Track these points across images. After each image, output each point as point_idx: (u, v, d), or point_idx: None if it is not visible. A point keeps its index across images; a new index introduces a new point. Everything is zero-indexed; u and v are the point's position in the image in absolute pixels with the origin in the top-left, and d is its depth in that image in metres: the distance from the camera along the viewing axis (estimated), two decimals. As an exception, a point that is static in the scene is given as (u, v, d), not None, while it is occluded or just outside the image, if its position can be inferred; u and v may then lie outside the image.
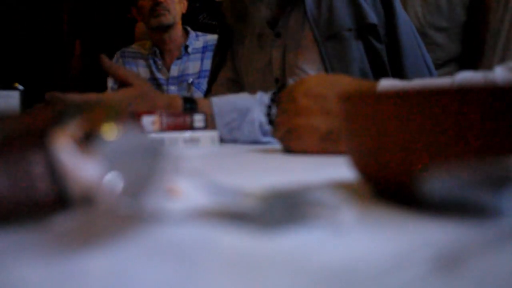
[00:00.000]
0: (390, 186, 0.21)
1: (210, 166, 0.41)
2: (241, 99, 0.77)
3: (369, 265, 0.13)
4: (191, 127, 0.65)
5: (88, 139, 0.18)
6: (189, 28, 1.67)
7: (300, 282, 0.12)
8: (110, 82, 1.55)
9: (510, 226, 0.17)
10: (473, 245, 0.15)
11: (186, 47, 1.63)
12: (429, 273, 0.12)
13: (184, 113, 0.67)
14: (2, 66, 2.52)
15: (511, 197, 0.17)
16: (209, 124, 0.73)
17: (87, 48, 2.89)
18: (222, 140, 0.76)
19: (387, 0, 0.82)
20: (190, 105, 0.76)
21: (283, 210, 0.17)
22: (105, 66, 0.71)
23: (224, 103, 0.76)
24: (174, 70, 1.63)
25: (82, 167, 0.17)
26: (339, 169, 0.33)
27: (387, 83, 0.50)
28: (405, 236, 0.16)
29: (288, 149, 0.53)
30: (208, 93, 1.06)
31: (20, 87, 0.76)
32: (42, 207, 0.17)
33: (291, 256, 0.14)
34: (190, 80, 1.61)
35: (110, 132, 0.18)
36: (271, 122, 0.58)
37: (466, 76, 0.46)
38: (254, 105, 0.75)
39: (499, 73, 0.44)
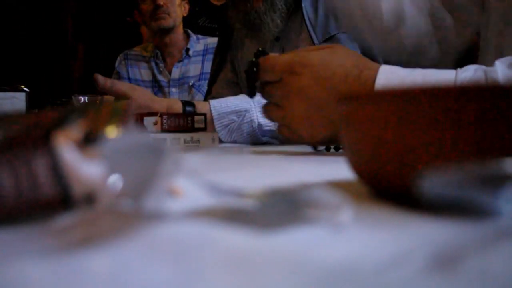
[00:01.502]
0: (388, 186, 0.21)
1: (210, 166, 0.42)
2: (240, 100, 0.78)
3: (368, 263, 0.13)
4: (191, 128, 0.65)
5: (91, 140, 0.18)
6: (190, 31, 1.67)
7: (299, 281, 0.12)
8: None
9: (507, 226, 0.17)
10: (471, 245, 0.15)
11: (187, 50, 1.63)
12: (427, 272, 0.12)
13: (185, 114, 0.68)
14: (8, 69, 2.53)
15: (509, 197, 0.17)
16: (209, 126, 0.74)
17: (90, 51, 2.90)
18: (222, 141, 0.77)
19: None
20: (189, 109, 0.77)
21: (283, 209, 0.17)
22: (99, 86, 0.72)
23: (223, 106, 0.77)
24: (175, 73, 1.63)
25: (85, 167, 0.17)
26: (339, 169, 0.33)
27: (387, 70, 0.46)
28: (404, 235, 0.16)
29: (291, 140, 0.51)
30: (208, 95, 1.07)
31: (26, 89, 0.76)
32: (45, 207, 0.17)
33: (291, 255, 0.14)
34: (191, 82, 1.62)
35: (113, 133, 0.18)
36: (252, 87, 0.53)
37: (468, 68, 0.44)
38: (252, 106, 0.76)
39: (500, 69, 0.43)
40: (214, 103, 0.78)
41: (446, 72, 0.46)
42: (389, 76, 0.46)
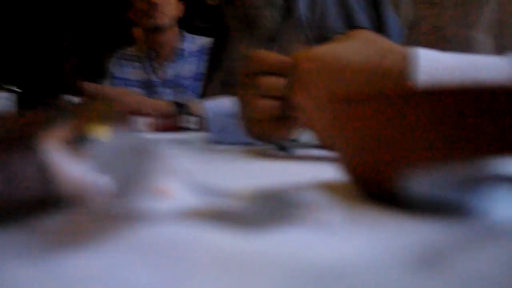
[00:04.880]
0: (379, 188, 0.21)
1: (201, 167, 0.42)
2: (234, 102, 0.78)
3: (355, 263, 0.13)
4: (183, 128, 0.65)
5: (79, 140, 0.18)
6: (184, 31, 1.67)
7: (288, 282, 0.12)
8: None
9: (490, 225, 0.17)
10: (460, 245, 0.15)
11: (181, 50, 1.63)
12: (416, 272, 0.12)
13: (178, 114, 0.68)
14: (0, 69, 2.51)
15: (491, 197, 0.18)
16: (203, 127, 0.74)
17: (83, 52, 2.88)
18: (215, 141, 0.77)
19: (378, 4, 0.84)
20: (183, 110, 0.77)
21: (271, 210, 0.17)
22: (87, 93, 0.72)
23: (217, 108, 0.77)
24: (169, 73, 1.63)
25: (74, 168, 0.17)
26: (331, 170, 0.33)
27: (428, 55, 0.39)
28: (389, 235, 0.16)
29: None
30: (202, 95, 1.07)
31: (16, 89, 0.76)
32: (32, 207, 0.17)
33: (280, 256, 0.14)
34: (185, 83, 1.62)
35: (102, 133, 0.18)
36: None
37: None
38: None
39: None
40: (208, 104, 0.78)
41: (495, 60, 0.38)
42: (434, 64, 0.38)
